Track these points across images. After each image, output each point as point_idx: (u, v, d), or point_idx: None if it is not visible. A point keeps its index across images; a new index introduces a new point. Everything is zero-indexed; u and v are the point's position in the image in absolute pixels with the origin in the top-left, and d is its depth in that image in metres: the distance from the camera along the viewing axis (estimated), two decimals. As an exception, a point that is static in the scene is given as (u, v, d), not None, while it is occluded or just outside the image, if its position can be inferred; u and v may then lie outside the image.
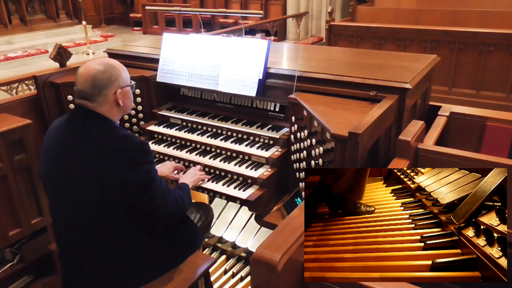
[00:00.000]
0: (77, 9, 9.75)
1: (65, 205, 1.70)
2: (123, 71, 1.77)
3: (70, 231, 1.73)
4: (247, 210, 2.29)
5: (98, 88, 1.68)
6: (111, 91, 1.71)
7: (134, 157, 1.63)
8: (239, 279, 2.63)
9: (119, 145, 1.64)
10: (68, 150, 1.66)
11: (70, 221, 1.71)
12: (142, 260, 1.77)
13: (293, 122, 2.22)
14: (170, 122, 2.74)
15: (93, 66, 1.70)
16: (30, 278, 2.58)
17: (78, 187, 1.63)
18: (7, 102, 2.60)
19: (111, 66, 1.73)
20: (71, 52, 2.96)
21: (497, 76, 5.04)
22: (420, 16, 6.31)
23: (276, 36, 9.23)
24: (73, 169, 1.64)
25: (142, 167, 1.65)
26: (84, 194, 1.63)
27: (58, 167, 1.68)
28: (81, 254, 1.72)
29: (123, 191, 1.62)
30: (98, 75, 1.68)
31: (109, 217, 1.66)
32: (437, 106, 2.57)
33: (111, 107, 1.73)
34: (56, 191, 1.73)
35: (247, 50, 2.46)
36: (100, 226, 1.67)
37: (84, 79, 1.68)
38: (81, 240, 1.70)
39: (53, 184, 1.73)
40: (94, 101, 1.69)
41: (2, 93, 4.74)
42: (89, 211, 1.65)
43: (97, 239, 1.68)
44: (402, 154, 1.89)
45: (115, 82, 1.72)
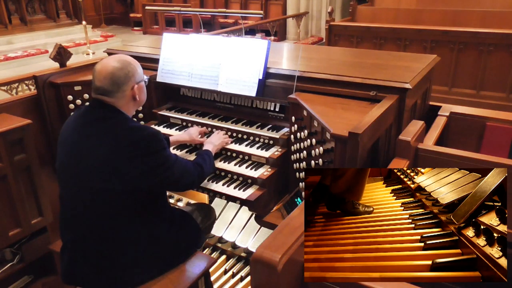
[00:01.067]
0: (77, 9, 9.75)
1: (76, 194, 1.74)
2: (138, 67, 1.85)
3: (78, 221, 1.76)
4: (247, 210, 2.29)
5: (117, 85, 1.76)
6: (129, 87, 1.79)
7: (149, 146, 1.71)
8: (239, 279, 2.63)
9: (135, 136, 1.70)
10: (84, 141, 1.73)
11: (80, 211, 1.74)
12: (145, 254, 1.79)
13: (293, 122, 2.22)
14: (170, 122, 2.74)
15: (111, 63, 1.76)
16: (30, 278, 2.58)
17: (92, 177, 1.68)
18: (7, 102, 2.60)
19: (128, 62, 1.80)
20: (71, 52, 2.95)
21: (497, 76, 5.04)
22: (420, 16, 6.31)
23: (276, 36, 9.23)
24: (88, 159, 1.69)
25: (158, 153, 1.73)
26: (98, 184, 1.68)
27: (73, 157, 1.74)
28: (87, 245, 1.75)
29: (142, 178, 1.69)
30: (116, 72, 1.75)
31: (119, 206, 1.70)
32: (437, 106, 2.57)
33: (128, 102, 1.81)
34: (69, 180, 1.77)
35: (247, 50, 2.46)
36: (109, 216, 1.71)
37: (103, 76, 1.75)
38: (89, 230, 1.74)
39: (67, 173, 1.78)
40: (113, 96, 1.76)
41: (2, 93, 4.73)
42: (100, 200, 1.69)
43: (105, 229, 1.72)
44: (402, 154, 1.89)
45: (132, 78, 1.80)
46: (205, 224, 2.24)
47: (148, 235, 1.79)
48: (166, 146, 1.80)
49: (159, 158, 1.74)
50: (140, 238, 1.77)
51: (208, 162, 2.12)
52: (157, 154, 1.73)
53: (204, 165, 2.05)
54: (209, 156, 2.17)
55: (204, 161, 2.09)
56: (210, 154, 2.20)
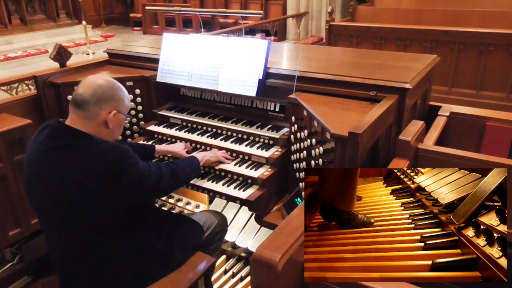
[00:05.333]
0: (77, 9, 9.75)
1: (53, 222, 1.69)
2: (126, 99, 1.76)
3: (61, 244, 1.72)
4: (247, 210, 2.29)
5: (97, 98, 1.64)
6: (107, 109, 1.67)
7: (122, 166, 1.60)
8: (239, 279, 2.63)
9: (105, 159, 1.58)
10: (49, 171, 1.60)
11: (61, 236, 1.70)
12: (136, 266, 1.76)
13: (293, 122, 2.22)
14: (170, 122, 2.74)
15: (103, 78, 1.69)
16: (30, 278, 2.58)
17: (66, 206, 1.60)
18: (7, 102, 2.60)
19: (119, 87, 1.73)
20: (71, 52, 2.95)
21: (497, 76, 5.04)
22: (420, 16, 6.31)
23: (276, 36, 9.23)
24: (58, 190, 1.60)
25: (131, 170, 1.64)
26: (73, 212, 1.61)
27: (42, 187, 1.64)
28: (75, 264, 1.71)
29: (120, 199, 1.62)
30: (103, 87, 1.67)
31: (102, 227, 1.64)
32: (437, 106, 2.57)
33: (99, 126, 1.67)
34: (42, 209, 1.70)
35: (247, 50, 2.46)
36: (92, 238, 1.65)
37: (88, 85, 1.66)
38: (73, 252, 1.69)
39: (38, 202, 1.70)
40: (86, 109, 1.64)
41: (2, 93, 4.73)
42: (80, 225, 1.63)
43: (89, 250, 1.67)
44: (402, 154, 1.89)
45: (115, 102, 1.69)
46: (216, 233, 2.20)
47: (136, 248, 1.74)
48: (138, 160, 1.68)
49: (135, 174, 1.64)
50: (127, 253, 1.72)
51: (188, 163, 2.06)
52: (132, 171, 1.63)
53: (181, 166, 1.97)
54: (191, 159, 2.13)
55: (183, 162, 2.03)
56: (193, 158, 2.15)
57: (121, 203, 1.64)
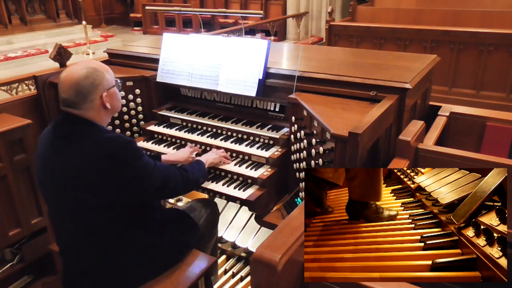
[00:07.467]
0: (77, 9, 9.75)
1: (60, 211, 1.71)
2: (106, 73, 1.71)
3: (67, 235, 1.74)
4: (247, 210, 2.29)
5: (83, 95, 1.63)
6: (97, 96, 1.67)
7: (125, 157, 1.61)
8: (239, 279, 2.63)
9: (108, 149, 1.60)
10: (55, 158, 1.64)
11: (67, 226, 1.71)
12: (139, 261, 1.77)
13: (293, 122, 2.22)
14: (170, 122, 2.74)
15: (75, 71, 1.64)
16: (30, 278, 2.58)
17: (70, 194, 1.62)
18: (7, 102, 2.60)
19: (93, 69, 1.67)
20: (71, 52, 2.96)
21: (497, 76, 5.04)
22: (420, 16, 6.31)
23: (276, 36, 9.23)
24: (61, 176, 1.62)
25: (135, 163, 1.64)
26: (77, 200, 1.62)
27: (49, 175, 1.68)
28: (80, 256, 1.73)
29: (121, 191, 1.62)
30: (80, 81, 1.62)
31: (106, 219, 1.65)
32: (437, 106, 2.57)
33: (99, 111, 1.69)
34: (50, 197, 1.73)
35: (247, 50, 2.46)
36: (97, 229, 1.66)
37: (68, 86, 1.63)
38: (79, 243, 1.71)
39: (47, 191, 1.73)
40: (80, 108, 1.65)
41: (2, 93, 4.74)
42: (81, 215, 1.65)
43: (95, 241, 1.68)
44: (402, 154, 1.89)
45: (99, 86, 1.67)
46: (209, 220, 2.21)
47: (139, 244, 1.75)
48: (143, 154, 1.69)
49: (136, 168, 1.64)
50: (130, 249, 1.73)
51: (196, 168, 2.03)
52: (134, 164, 1.63)
53: (190, 171, 1.95)
54: (198, 164, 2.09)
55: (192, 167, 2.00)
56: (200, 162, 2.11)
57: (123, 197, 1.63)
